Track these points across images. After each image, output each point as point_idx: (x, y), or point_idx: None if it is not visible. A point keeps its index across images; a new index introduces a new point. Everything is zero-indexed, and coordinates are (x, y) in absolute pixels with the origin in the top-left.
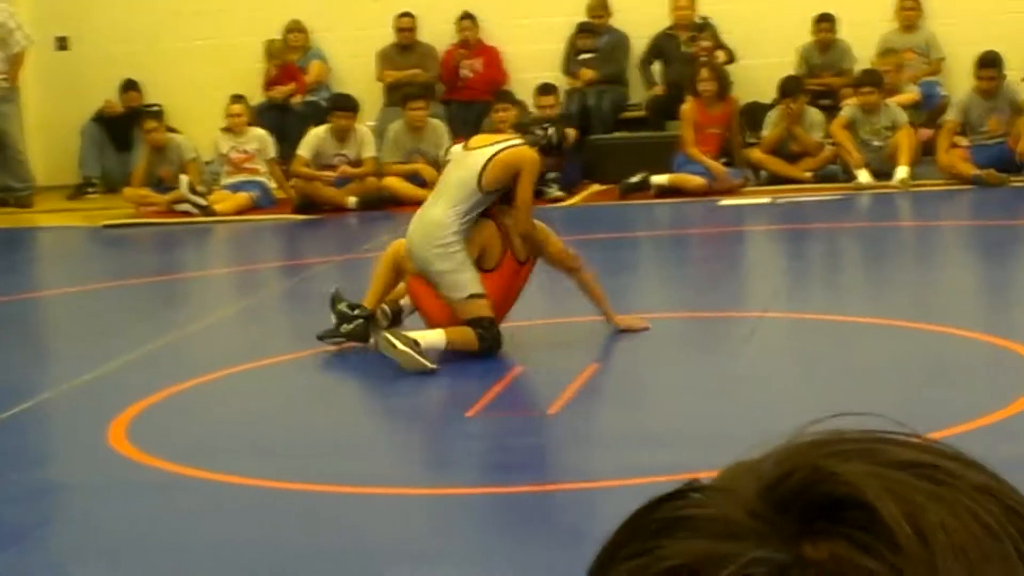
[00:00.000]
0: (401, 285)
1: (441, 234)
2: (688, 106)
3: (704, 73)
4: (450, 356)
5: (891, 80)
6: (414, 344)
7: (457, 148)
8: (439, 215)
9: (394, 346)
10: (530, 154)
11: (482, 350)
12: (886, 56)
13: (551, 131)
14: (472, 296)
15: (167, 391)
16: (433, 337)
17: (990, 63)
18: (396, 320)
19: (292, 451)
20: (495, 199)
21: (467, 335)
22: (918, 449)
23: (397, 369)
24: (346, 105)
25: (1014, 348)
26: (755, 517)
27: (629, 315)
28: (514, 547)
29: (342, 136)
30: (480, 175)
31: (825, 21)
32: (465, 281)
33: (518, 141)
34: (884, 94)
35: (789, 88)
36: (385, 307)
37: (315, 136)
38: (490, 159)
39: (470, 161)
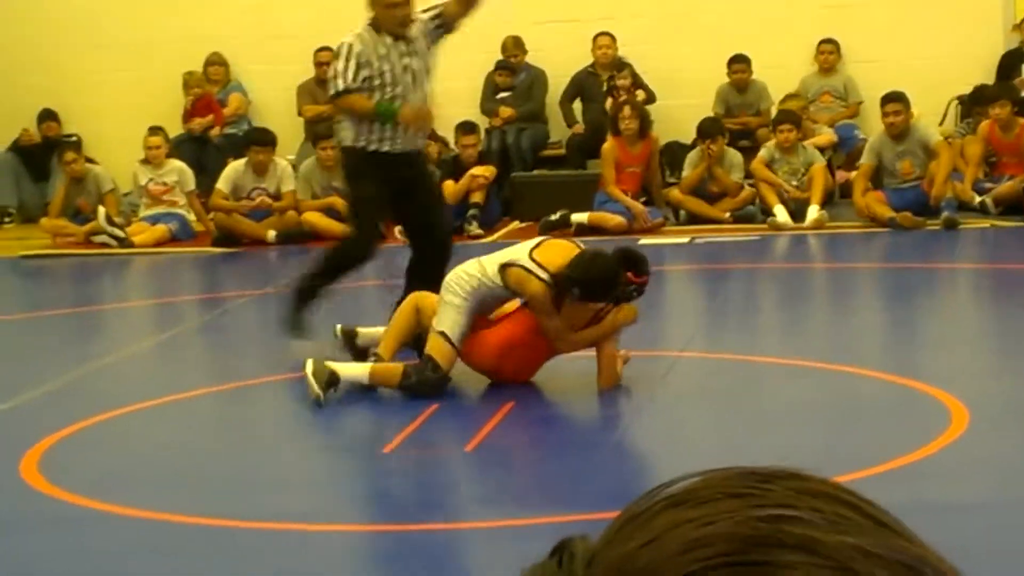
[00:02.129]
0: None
1: (466, 277)
2: (609, 145)
3: (626, 111)
4: (368, 393)
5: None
6: (328, 375)
7: (528, 245)
8: (478, 268)
9: (304, 368)
10: (535, 287)
11: (401, 387)
12: (787, 102)
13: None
14: (439, 332)
15: (81, 424)
16: (356, 372)
17: (892, 99)
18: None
19: (206, 486)
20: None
21: (391, 373)
22: (807, 553)
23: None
24: (263, 140)
25: (928, 391)
26: None
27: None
28: None
29: (260, 170)
30: (505, 267)
31: (739, 62)
32: (445, 317)
33: (538, 271)
34: (801, 134)
35: (708, 130)
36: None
37: (233, 170)
38: (514, 264)
39: (517, 253)
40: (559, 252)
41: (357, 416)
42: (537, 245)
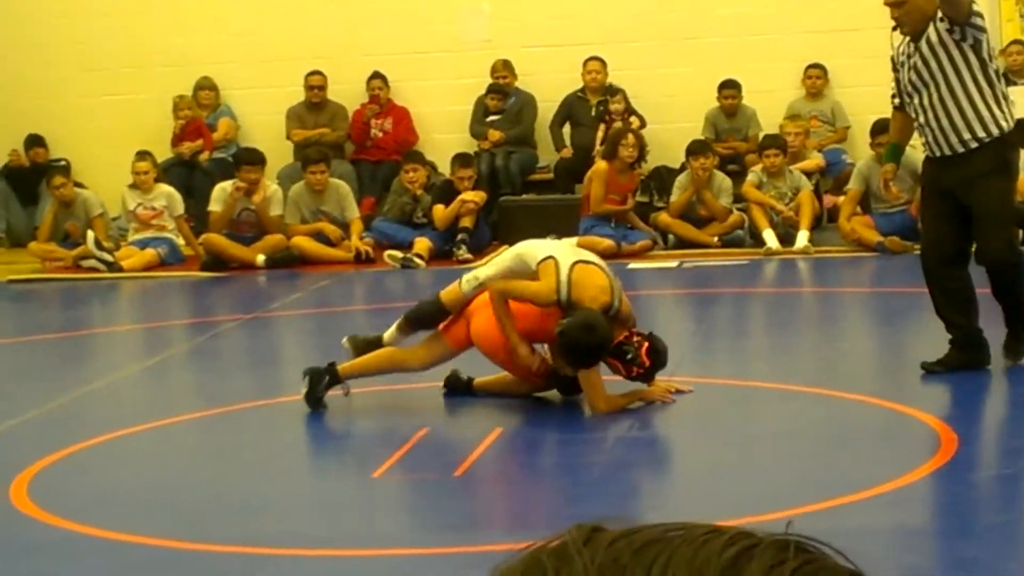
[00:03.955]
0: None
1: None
2: (603, 166)
3: (631, 139)
4: (357, 418)
5: (798, 144)
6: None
7: (576, 255)
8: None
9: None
10: (545, 287)
11: (406, 315)
12: (794, 120)
13: (627, 345)
14: (464, 280)
15: (70, 449)
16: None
17: (885, 130)
18: None
19: (196, 511)
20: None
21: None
22: None
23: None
24: (252, 159)
25: (915, 415)
26: None
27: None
28: None
29: (250, 191)
30: (548, 258)
31: (729, 88)
32: (483, 270)
33: (563, 284)
34: (789, 159)
35: (697, 147)
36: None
37: (222, 191)
38: (555, 260)
39: (565, 256)
40: (591, 287)
41: (346, 440)
42: (584, 263)
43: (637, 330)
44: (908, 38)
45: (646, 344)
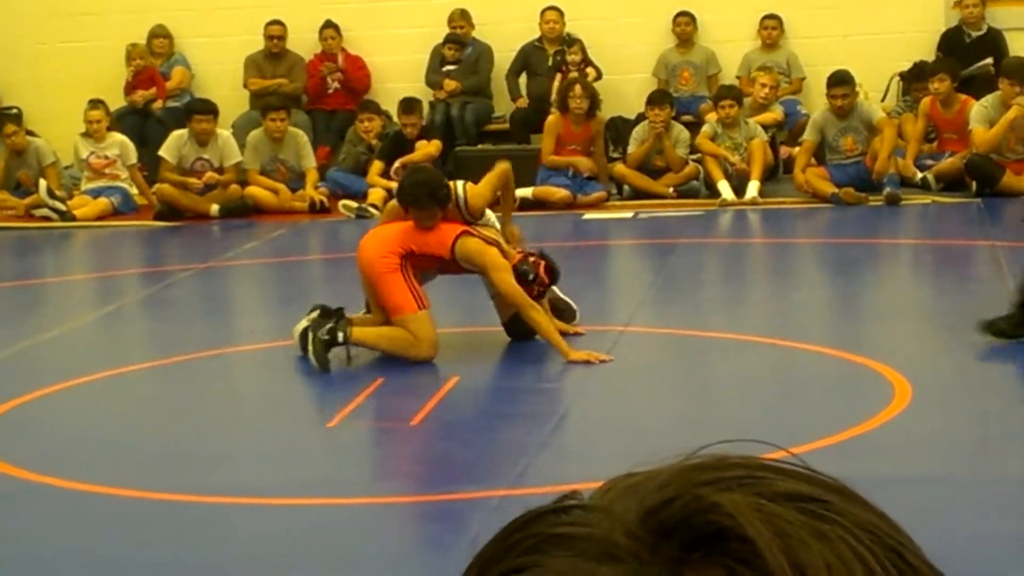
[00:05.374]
0: None
1: None
2: (554, 118)
3: (577, 90)
4: (313, 367)
5: (769, 97)
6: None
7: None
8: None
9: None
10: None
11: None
12: (767, 71)
13: (526, 266)
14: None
15: (24, 398)
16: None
17: (840, 81)
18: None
19: (150, 460)
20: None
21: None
22: (804, 481)
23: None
24: (204, 108)
25: (870, 365)
26: (636, 540)
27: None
28: (376, 558)
29: (203, 140)
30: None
31: (683, 15)
32: None
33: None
34: (756, 110)
35: (657, 97)
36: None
37: (177, 138)
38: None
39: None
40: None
41: (301, 390)
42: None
43: (528, 251)
44: None
45: (543, 263)
